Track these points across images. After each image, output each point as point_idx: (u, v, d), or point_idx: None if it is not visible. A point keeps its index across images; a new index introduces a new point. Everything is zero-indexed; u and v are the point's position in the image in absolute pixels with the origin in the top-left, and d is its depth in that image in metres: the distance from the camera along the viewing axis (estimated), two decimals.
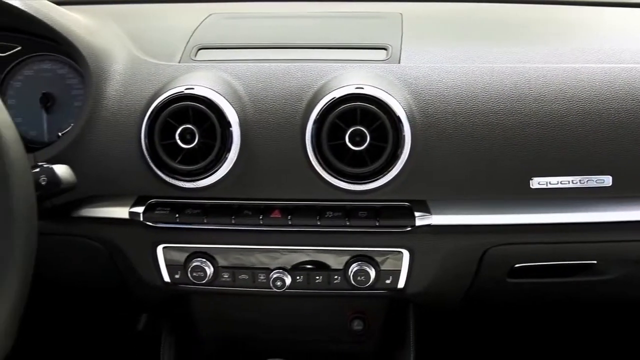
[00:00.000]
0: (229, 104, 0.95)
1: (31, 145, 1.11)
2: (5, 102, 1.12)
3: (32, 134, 1.13)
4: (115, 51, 1.05)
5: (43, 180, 0.87)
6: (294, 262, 1.02)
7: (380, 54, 1.03)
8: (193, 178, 0.97)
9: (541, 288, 1.10)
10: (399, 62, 1.01)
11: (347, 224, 0.97)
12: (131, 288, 1.15)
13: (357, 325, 1.20)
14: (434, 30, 1.12)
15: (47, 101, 1.11)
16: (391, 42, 1.05)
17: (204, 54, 1.06)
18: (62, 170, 0.88)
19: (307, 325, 1.23)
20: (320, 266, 1.02)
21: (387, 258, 1.00)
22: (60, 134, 1.10)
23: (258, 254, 1.02)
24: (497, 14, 1.19)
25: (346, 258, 1.01)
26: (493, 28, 1.13)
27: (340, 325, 1.22)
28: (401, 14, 1.15)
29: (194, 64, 1.04)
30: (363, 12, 1.20)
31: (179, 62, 1.05)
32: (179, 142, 0.95)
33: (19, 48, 1.11)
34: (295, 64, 1.01)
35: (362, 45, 1.06)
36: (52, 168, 0.87)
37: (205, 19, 1.16)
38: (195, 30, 1.12)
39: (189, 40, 1.09)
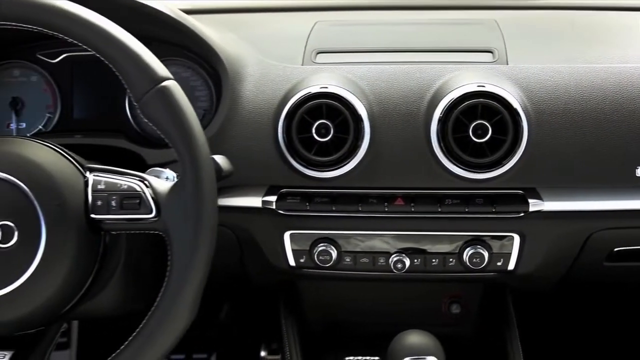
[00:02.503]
0: (359, 101, 1.05)
1: (159, 142, 1.22)
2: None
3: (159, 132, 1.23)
4: (245, 55, 1.15)
5: None
6: (412, 246, 1.11)
7: (487, 56, 1.13)
8: (326, 168, 1.06)
9: (636, 271, 1.19)
10: (507, 63, 1.11)
11: (466, 210, 1.06)
12: (250, 274, 1.24)
13: (455, 309, 1.30)
14: (530, 34, 1.21)
15: None
16: (495, 45, 1.15)
17: (323, 57, 1.16)
18: (221, 159, 0.97)
19: (405, 310, 1.32)
20: (436, 250, 1.11)
21: (499, 242, 1.09)
22: None
23: (378, 239, 1.11)
24: (582, 20, 1.29)
25: (461, 242, 1.10)
26: (582, 33, 1.22)
27: (436, 309, 1.32)
28: (495, 20, 1.25)
29: (317, 66, 1.14)
30: (459, 19, 1.29)
31: (302, 65, 1.15)
32: (314, 135, 1.05)
33: None
34: (413, 65, 1.11)
35: (469, 48, 1.16)
36: (213, 157, 0.96)
37: (314, 26, 1.26)
38: (308, 36, 1.22)
39: (306, 45, 1.19)
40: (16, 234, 0.82)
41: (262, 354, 1.69)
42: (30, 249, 0.82)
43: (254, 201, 1.10)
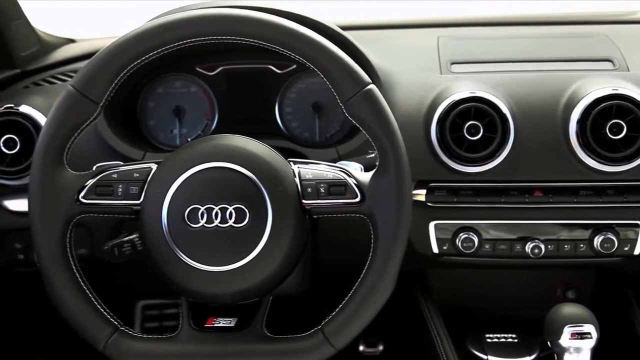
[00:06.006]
0: (503, 104, 1.19)
1: (305, 143, 1.36)
2: (283, 110, 1.38)
3: (305, 135, 1.38)
4: (391, 66, 1.30)
5: None
6: (547, 233, 1.24)
7: (608, 65, 1.27)
8: (474, 164, 1.20)
9: None
10: (628, 70, 1.25)
11: (599, 200, 1.20)
12: None
13: (571, 295, 1.43)
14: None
15: (319, 109, 1.36)
16: (614, 55, 1.29)
17: (458, 67, 1.31)
18: None
19: (523, 295, 1.45)
20: (569, 237, 1.24)
21: (626, 229, 1.22)
22: (328, 135, 1.35)
23: (517, 227, 1.24)
24: None
25: (591, 229, 1.23)
26: None
27: (551, 294, 1.45)
28: (605, 34, 1.39)
29: (454, 75, 1.28)
30: (572, 33, 1.44)
31: (441, 74, 1.29)
32: (466, 135, 1.19)
33: (294, 66, 1.36)
34: (545, 73, 1.25)
35: (590, 58, 1.30)
36: None
37: (439, 40, 1.41)
38: (438, 49, 1.37)
39: (439, 57, 1.34)
40: (248, 215, 0.95)
41: (361, 348, 1.81)
42: (259, 228, 0.95)
43: None
